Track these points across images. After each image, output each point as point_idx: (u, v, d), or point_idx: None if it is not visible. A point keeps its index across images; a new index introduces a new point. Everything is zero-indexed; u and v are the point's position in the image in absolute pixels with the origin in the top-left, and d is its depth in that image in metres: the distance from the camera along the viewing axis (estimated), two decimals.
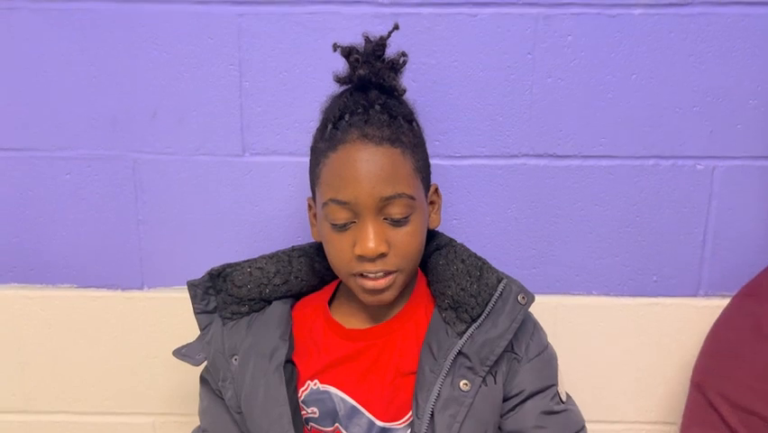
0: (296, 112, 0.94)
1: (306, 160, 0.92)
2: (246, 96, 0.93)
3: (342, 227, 0.74)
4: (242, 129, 0.94)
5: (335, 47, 0.77)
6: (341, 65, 0.90)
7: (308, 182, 0.80)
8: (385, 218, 0.74)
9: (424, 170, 0.78)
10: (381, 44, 0.77)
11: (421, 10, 0.90)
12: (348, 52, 0.76)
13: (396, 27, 0.77)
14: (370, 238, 0.72)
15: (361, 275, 0.75)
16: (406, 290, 0.80)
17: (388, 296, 0.77)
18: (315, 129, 0.92)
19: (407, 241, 0.75)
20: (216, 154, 0.95)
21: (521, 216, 0.96)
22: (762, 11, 0.89)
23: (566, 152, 0.94)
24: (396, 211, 0.73)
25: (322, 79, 0.92)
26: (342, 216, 0.74)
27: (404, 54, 0.78)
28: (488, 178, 0.95)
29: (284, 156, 0.95)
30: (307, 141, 0.92)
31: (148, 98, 0.94)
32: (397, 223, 0.74)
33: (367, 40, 0.77)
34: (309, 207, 0.83)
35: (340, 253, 0.75)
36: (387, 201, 0.73)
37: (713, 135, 0.93)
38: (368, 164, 0.72)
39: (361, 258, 0.74)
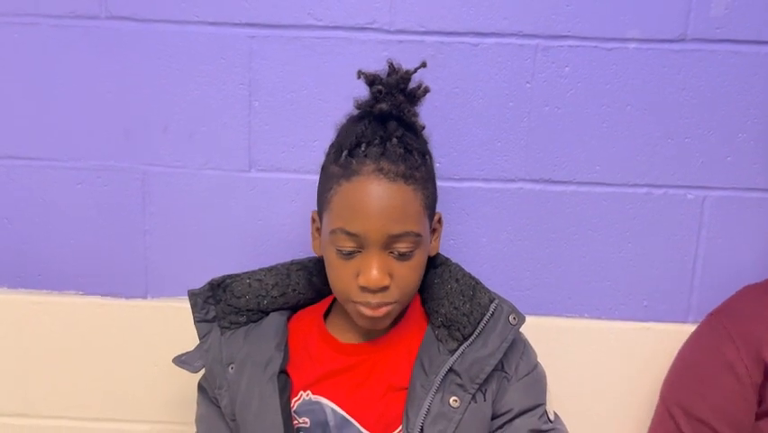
0: (301, 131, 0.96)
1: (310, 177, 0.96)
2: (254, 114, 0.95)
3: (347, 255, 0.76)
4: (249, 146, 0.96)
5: (359, 74, 0.77)
6: (346, 88, 0.93)
7: (311, 198, 0.81)
8: (390, 252, 0.75)
9: (431, 204, 0.79)
10: (406, 78, 0.76)
11: (425, 38, 0.93)
12: (371, 81, 0.76)
13: (423, 65, 0.78)
14: (375, 271, 0.74)
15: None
16: None
17: (383, 324, 0.79)
18: (320, 148, 0.94)
19: (409, 274, 0.77)
20: (224, 169, 0.97)
21: (516, 238, 0.98)
22: (751, 49, 0.92)
23: (561, 177, 0.96)
24: (402, 246, 0.75)
25: (327, 101, 0.95)
26: (349, 245, 0.75)
27: (424, 87, 0.78)
28: (485, 200, 0.97)
29: (288, 173, 0.97)
30: (311, 159, 0.95)
31: (160, 113, 0.96)
32: (401, 256, 0.75)
33: (392, 68, 0.76)
34: (313, 220, 0.83)
35: (342, 279, 0.77)
36: (394, 238, 0.74)
37: (704, 166, 0.95)
38: (380, 200, 0.73)
39: (364, 289, 0.75)
